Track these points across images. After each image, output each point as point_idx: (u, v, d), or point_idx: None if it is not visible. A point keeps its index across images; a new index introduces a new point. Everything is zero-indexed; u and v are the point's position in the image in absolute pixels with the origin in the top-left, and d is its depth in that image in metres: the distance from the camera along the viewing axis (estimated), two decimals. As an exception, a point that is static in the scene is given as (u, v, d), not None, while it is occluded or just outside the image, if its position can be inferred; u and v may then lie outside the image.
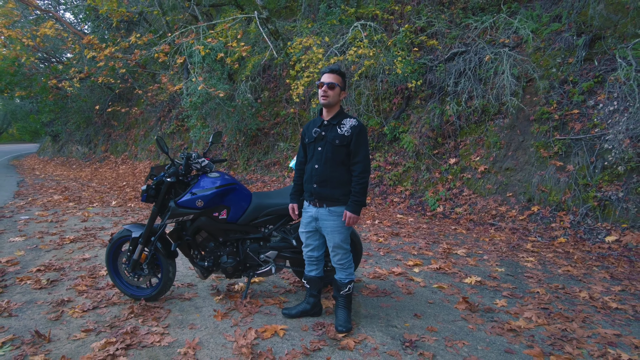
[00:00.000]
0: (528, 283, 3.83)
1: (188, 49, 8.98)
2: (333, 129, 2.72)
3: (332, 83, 2.67)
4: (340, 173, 2.72)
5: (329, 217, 2.75)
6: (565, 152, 5.91)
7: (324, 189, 2.73)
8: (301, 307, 3.02)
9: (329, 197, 2.73)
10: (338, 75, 2.70)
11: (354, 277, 2.92)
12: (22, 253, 4.58)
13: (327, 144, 2.71)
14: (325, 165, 2.71)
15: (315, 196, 2.77)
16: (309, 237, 2.91)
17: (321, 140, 2.74)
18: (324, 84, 2.68)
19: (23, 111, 29.66)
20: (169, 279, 3.21)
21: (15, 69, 16.00)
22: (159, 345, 2.62)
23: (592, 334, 2.82)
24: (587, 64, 6.29)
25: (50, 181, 11.81)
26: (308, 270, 3.01)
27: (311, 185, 2.78)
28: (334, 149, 2.70)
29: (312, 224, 2.86)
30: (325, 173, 2.71)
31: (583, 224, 5.35)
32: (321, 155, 2.73)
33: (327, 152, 2.71)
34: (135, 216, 6.72)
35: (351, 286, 2.88)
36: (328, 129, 2.74)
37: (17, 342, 2.66)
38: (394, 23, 8.97)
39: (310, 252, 2.94)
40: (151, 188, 3.11)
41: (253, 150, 10.86)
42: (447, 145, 7.40)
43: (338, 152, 2.70)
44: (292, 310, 3.02)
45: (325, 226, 2.78)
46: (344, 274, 2.88)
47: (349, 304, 2.91)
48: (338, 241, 2.78)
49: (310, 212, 2.84)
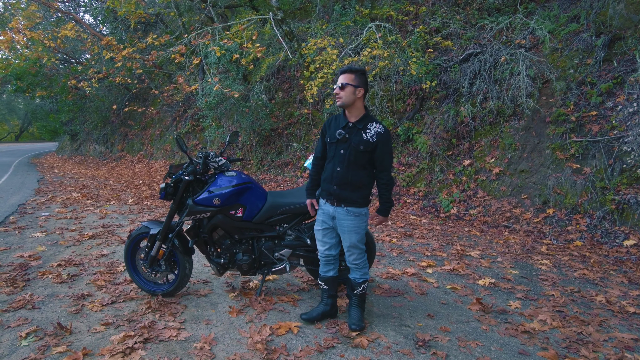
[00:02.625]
0: (543, 285, 3.80)
1: (204, 50, 9.10)
2: (358, 133, 2.66)
3: (342, 84, 2.62)
4: (361, 177, 2.71)
5: (346, 217, 2.74)
6: (582, 155, 5.83)
7: (344, 191, 2.71)
8: (320, 309, 2.98)
9: (348, 199, 2.72)
10: (350, 74, 2.64)
11: (368, 277, 2.93)
12: (44, 248, 4.71)
13: (351, 148, 2.66)
14: (347, 168, 2.69)
15: (335, 197, 2.76)
16: (325, 234, 2.89)
17: (344, 142, 2.68)
18: (338, 86, 2.65)
19: (43, 111, 30.33)
20: (185, 275, 3.27)
21: (36, 70, 16.39)
22: (175, 339, 2.68)
23: (608, 337, 2.79)
24: (606, 65, 6.20)
25: (69, 179, 12.08)
26: (325, 271, 2.98)
27: (331, 185, 2.76)
28: (357, 154, 2.65)
29: (328, 221, 2.84)
30: (347, 176, 2.69)
31: (600, 228, 5.27)
32: (344, 158, 2.69)
33: (350, 156, 2.67)
34: (151, 214, 6.84)
35: (365, 285, 2.89)
36: (353, 132, 2.67)
37: (40, 333, 2.75)
38: (409, 24, 8.95)
39: (327, 251, 2.92)
40: (169, 186, 3.19)
41: (267, 151, 10.95)
42: (462, 147, 7.36)
43: (361, 157, 2.67)
44: (312, 313, 2.97)
45: (342, 225, 2.77)
46: (359, 274, 2.88)
47: (363, 303, 2.92)
48: (355, 241, 2.77)
49: (327, 210, 2.82)
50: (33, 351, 2.52)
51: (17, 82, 17.80)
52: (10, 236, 5.23)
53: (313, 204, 2.99)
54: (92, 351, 2.53)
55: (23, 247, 4.74)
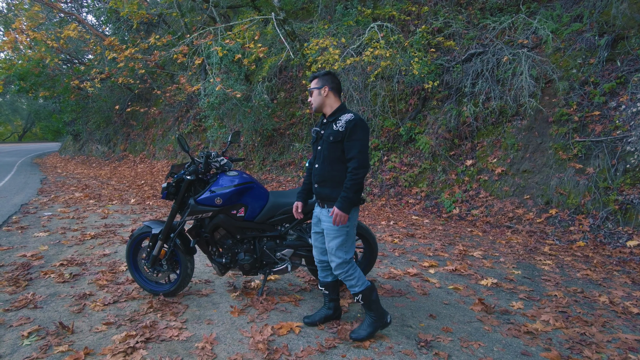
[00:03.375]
0: (545, 286, 3.79)
1: (206, 50, 9.11)
2: (330, 126, 2.62)
3: (308, 90, 2.71)
4: (338, 171, 2.58)
5: (327, 218, 2.61)
6: (585, 155, 5.80)
7: (324, 188, 2.63)
8: (323, 313, 2.92)
9: (329, 197, 2.60)
10: (313, 80, 2.70)
11: (361, 289, 2.63)
12: (46, 248, 4.72)
13: (324, 142, 2.62)
14: (323, 164, 2.62)
15: (317, 196, 2.70)
16: (317, 239, 2.81)
17: (320, 139, 2.67)
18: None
19: (46, 111, 30.44)
20: (187, 275, 3.27)
21: (39, 70, 16.44)
22: (177, 339, 2.68)
23: (612, 338, 2.77)
24: (609, 65, 6.17)
25: (72, 179, 12.11)
26: (323, 276, 2.88)
27: (313, 185, 2.72)
28: (329, 146, 2.58)
29: (318, 224, 2.77)
30: (324, 172, 2.62)
31: (603, 228, 5.24)
32: (320, 154, 2.65)
33: (324, 150, 2.61)
34: (153, 214, 6.84)
35: (359, 297, 2.63)
36: (326, 126, 2.66)
37: (42, 332, 2.75)
38: (411, 24, 8.94)
39: (320, 256, 2.82)
40: (171, 186, 3.18)
41: (269, 151, 10.95)
42: (464, 147, 7.34)
43: (334, 149, 2.57)
44: (314, 317, 2.91)
45: (325, 228, 2.64)
46: (348, 284, 2.64)
47: (368, 308, 2.68)
48: (333, 246, 2.59)
49: (316, 212, 2.77)
50: (35, 350, 2.53)
51: (21, 82, 17.87)
52: (13, 236, 5.25)
53: (297, 206, 2.92)
54: (93, 351, 2.53)
55: (25, 247, 4.76)
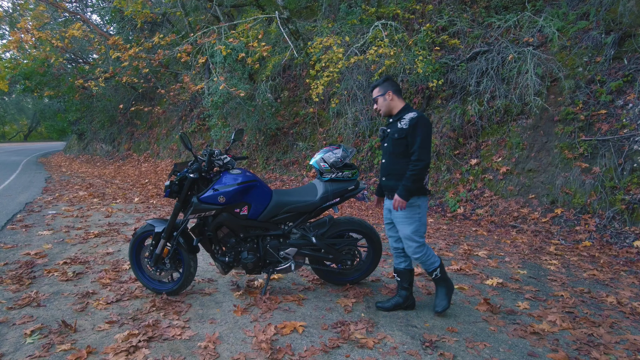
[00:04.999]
0: (551, 286, 3.74)
1: (210, 49, 9.10)
2: (394, 125, 2.93)
3: (374, 99, 3.02)
4: (402, 165, 2.87)
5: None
6: (591, 154, 5.74)
7: (390, 181, 2.95)
8: (394, 301, 3.10)
9: (394, 188, 2.89)
10: (375, 89, 3.00)
11: (436, 265, 2.96)
12: (50, 246, 4.72)
13: (389, 139, 2.95)
14: (389, 158, 2.96)
15: (385, 188, 3.04)
16: (389, 228, 3.10)
17: (386, 137, 3.00)
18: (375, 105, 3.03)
19: (51, 110, 30.55)
20: (190, 273, 3.26)
21: (44, 70, 16.50)
22: (179, 338, 2.67)
23: (620, 339, 2.73)
24: (615, 63, 6.11)
25: (76, 178, 12.15)
26: (397, 263, 3.11)
27: (381, 178, 3.06)
28: (394, 142, 2.90)
29: (388, 215, 3.06)
30: (389, 166, 2.96)
31: (609, 228, 5.19)
32: (386, 150, 2.99)
33: (390, 147, 2.94)
34: (157, 212, 6.85)
35: (437, 272, 2.98)
36: (391, 126, 2.98)
37: (45, 331, 2.74)
38: (415, 22, 8.89)
39: (395, 244, 3.08)
40: (174, 184, 3.17)
41: (272, 150, 10.94)
42: (469, 146, 7.29)
43: (398, 145, 2.88)
44: (385, 303, 3.10)
45: (395, 217, 2.95)
46: (425, 266, 2.98)
47: (442, 284, 3.03)
48: (407, 232, 2.89)
49: (386, 204, 3.08)
50: (38, 349, 2.52)
51: (26, 82, 17.94)
52: (17, 234, 5.26)
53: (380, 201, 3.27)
54: (96, 349, 2.52)
55: (30, 245, 4.76)
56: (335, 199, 3.26)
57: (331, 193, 3.23)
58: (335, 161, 3.23)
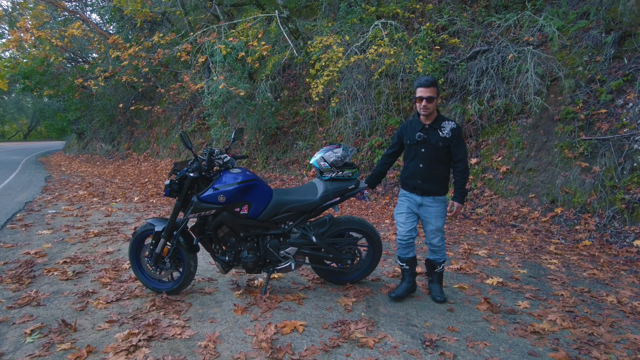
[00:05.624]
0: (552, 285, 3.74)
1: (209, 49, 9.09)
2: (435, 133, 3.06)
3: (431, 97, 2.98)
4: (441, 170, 3.13)
5: (433, 204, 3.14)
6: (591, 153, 5.74)
7: (428, 184, 3.12)
8: (405, 287, 3.33)
9: (432, 190, 3.12)
10: (433, 87, 2.99)
11: (446, 257, 3.34)
12: (50, 246, 4.72)
13: (431, 146, 3.07)
14: (429, 164, 3.09)
15: (419, 189, 3.15)
16: (408, 217, 3.22)
17: (424, 142, 3.09)
18: (423, 99, 2.98)
19: (51, 109, 30.50)
20: (190, 273, 3.26)
21: (44, 69, 16.47)
22: (180, 337, 2.66)
23: (620, 339, 2.73)
24: (616, 62, 6.10)
25: (76, 177, 12.14)
26: (405, 253, 3.27)
27: (415, 180, 3.16)
28: (437, 150, 3.06)
29: (413, 208, 3.22)
30: (430, 171, 3.10)
31: (609, 227, 5.19)
32: (425, 156, 3.09)
33: (431, 153, 3.07)
34: (156, 212, 6.84)
35: (444, 265, 3.30)
36: (430, 132, 3.08)
37: (45, 330, 2.74)
38: (415, 21, 8.89)
39: (409, 233, 3.22)
40: (174, 183, 3.16)
41: (272, 149, 10.93)
42: (469, 145, 7.28)
43: (440, 153, 3.07)
44: (398, 292, 3.30)
45: (429, 212, 3.15)
46: (439, 255, 3.25)
47: (441, 278, 3.37)
48: (440, 225, 3.17)
49: (414, 199, 3.20)
50: (38, 348, 2.52)
51: (25, 81, 17.92)
52: (17, 233, 5.25)
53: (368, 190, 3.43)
54: (96, 349, 2.52)
55: (29, 245, 4.76)
56: (335, 198, 3.26)
57: (331, 192, 3.23)
58: (335, 160, 3.22)
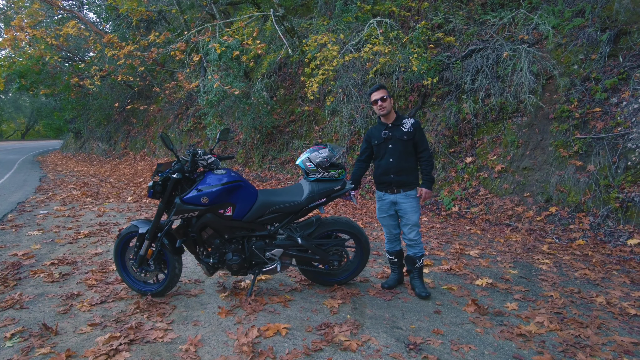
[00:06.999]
0: (542, 286, 3.71)
1: (204, 47, 9.04)
2: (398, 129, 3.33)
3: (384, 97, 3.28)
4: (410, 162, 3.34)
5: (406, 200, 3.32)
6: (586, 152, 5.70)
7: (401, 176, 3.31)
8: (395, 277, 3.57)
9: (406, 182, 3.31)
10: (384, 89, 3.32)
11: (424, 251, 3.46)
12: (39, 247, 4.68)
13: (397, 140, 3.31)
14: (400, 157, 3.30)
15: (394, 184, 3.32)
16: (389, 218, 3.44)
17: (390, 139, 3.33)
18: (378, 100, 3.27)
19: (48, 108, 30.45)
20: (175, 275, 3.22)
21: (40, 68, 16.42)
22: (161, 341, 2.63)
23: (607, 341, 2.70)
24: (611, 61, 6.06)
25: (71, 177, 12.10)
26: (392, 247, 3.52)
27: (388, 176, 3.34)
28: (403, 143, 3.30)
29: (388, 209, 3.41)
30: (401, 163, 3.31)
31: (603, 226, 5.15)
32: (394, 150, 3.32)
33: (399, 147, 3.31)
34: (149, 212, 6.81)
35: (423, 259, 3.43)
36: (393, 129, 3.34)
37: (26, 334, 2.71)
38: (411, 20, 8.83)
39: (394, 230, 3.47)
40: (157, 184, 3.12)
41: (268, 148, 10.89)
42: (464, 144, 7.25)
43: (407, 146, 3.31)
44: (390, 282, 3.53)
45: (404, 208, 3.32)
46: (417, 249, 3.39)
47: (422, 274, 3.48)
48: (416, 219, 3.33)
49: (388, 198, 3.38)
50: (17, 352, 2.48)
51: (21, 80, 17.87)
52: (7, 234, 5.22)
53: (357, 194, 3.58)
54: (76, 353, 2.49)
55: (18, 246, 4.73)
56: (321, 199, 3.22)
57: (317, 193, 3.19)
58: (321, 161, 3.19)
